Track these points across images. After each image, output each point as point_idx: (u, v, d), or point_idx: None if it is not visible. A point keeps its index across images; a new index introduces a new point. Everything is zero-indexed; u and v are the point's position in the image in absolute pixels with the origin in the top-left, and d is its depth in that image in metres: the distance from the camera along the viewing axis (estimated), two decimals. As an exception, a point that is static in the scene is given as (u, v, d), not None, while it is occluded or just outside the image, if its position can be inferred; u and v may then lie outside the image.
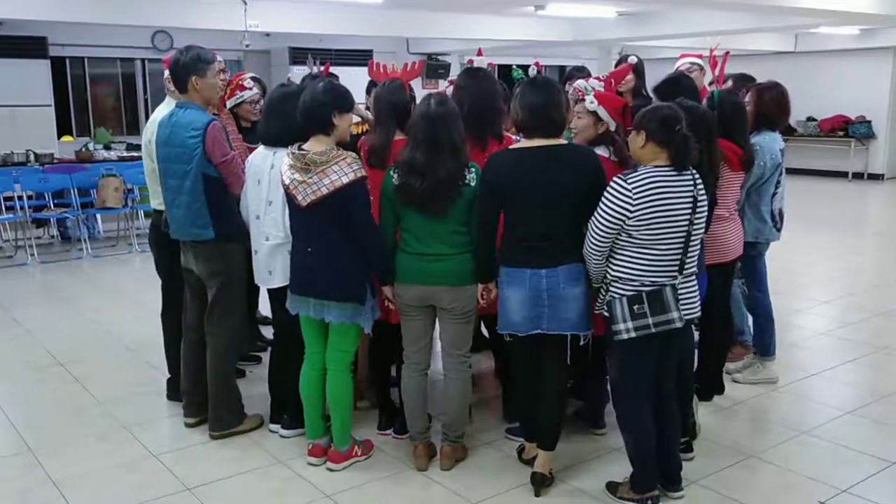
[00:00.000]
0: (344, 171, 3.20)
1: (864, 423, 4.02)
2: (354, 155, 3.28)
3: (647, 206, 2.89)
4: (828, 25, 11.40)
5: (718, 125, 3.55)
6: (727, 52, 4.46)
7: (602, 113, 3.49)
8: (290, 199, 3.33)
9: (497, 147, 3.48)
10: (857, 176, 14.63)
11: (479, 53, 4.07)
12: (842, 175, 14.67)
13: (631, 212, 2.89)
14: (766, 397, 4.34)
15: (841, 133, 14.57)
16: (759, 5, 7.40)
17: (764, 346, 4.53)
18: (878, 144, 14.49)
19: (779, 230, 4.40)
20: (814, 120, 14.78)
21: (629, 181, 2.91)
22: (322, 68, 4.08)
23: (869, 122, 14.40)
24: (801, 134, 14.66)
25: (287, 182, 3.28)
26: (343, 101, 3.34)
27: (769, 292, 4.52)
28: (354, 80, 4.54)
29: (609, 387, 3.39)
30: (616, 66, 4.86)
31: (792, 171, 10.73)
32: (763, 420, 4.07)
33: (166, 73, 3.89)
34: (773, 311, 4.52)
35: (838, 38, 13.31)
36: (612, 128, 3.53)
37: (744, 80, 4.83)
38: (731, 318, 4.32)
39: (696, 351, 3.86)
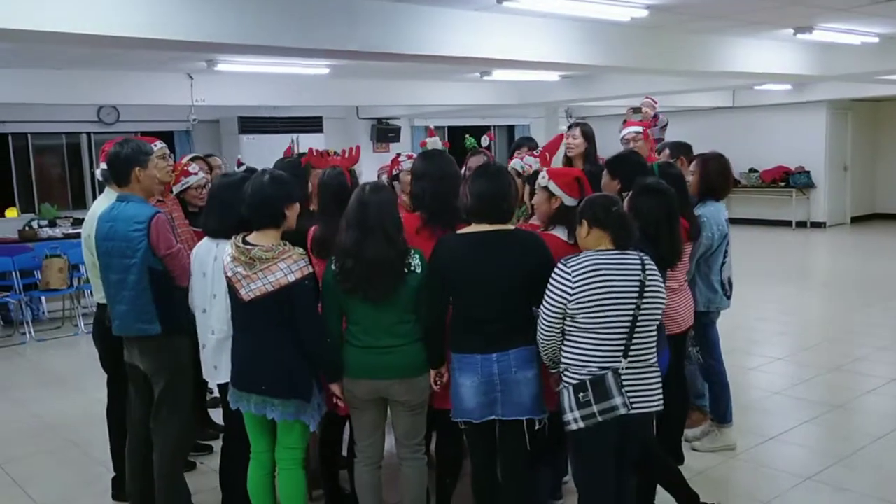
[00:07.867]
0: (291, 268, 3.12)
1: (824, 489, 4.03)
2: (301, 251, 3.21)
3: (587, 289, 2.89)
4: (761, 85, 11.82)
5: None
6: (655, 118, 4.57)
7: (553, 188, 3.49)
8: (232, 291, 3.24)
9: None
10: (801, 224, 15.02)
11: (431, 134, 4.05)
12: (786, 224, 15.05)
13: (571, 295, 2.89)
14: (725, 466, 4.33)
15: (782, 183, 15.02)
16: (695, 71, 7.63)
17: (720, 413, 4.54)
18: (819, 193, 14.94)
19: (729, 298, 4.46)
20: (756, 171, 15.21)
21: (569, 265, 2.93)
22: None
23: (808, 172, 14.87)
24: (745, 185, 15.06)
25: (230, 275, 3.20)
26: (292, 192, 3.29)
27: (722, 357, 4.55)
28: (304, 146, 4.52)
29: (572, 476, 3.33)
30: (569, 129, 4.91)
31: (738, 221, 11.00)
32: (723, 492, 4.02)
33: (103, 165, 3.82)
34: (727, 378, 4.54)
35: (774, 94, 13.80)
36: (569, 203, 3.44)
37: (679, 149, 4.93)
38: (686, 389, 4.31)
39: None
